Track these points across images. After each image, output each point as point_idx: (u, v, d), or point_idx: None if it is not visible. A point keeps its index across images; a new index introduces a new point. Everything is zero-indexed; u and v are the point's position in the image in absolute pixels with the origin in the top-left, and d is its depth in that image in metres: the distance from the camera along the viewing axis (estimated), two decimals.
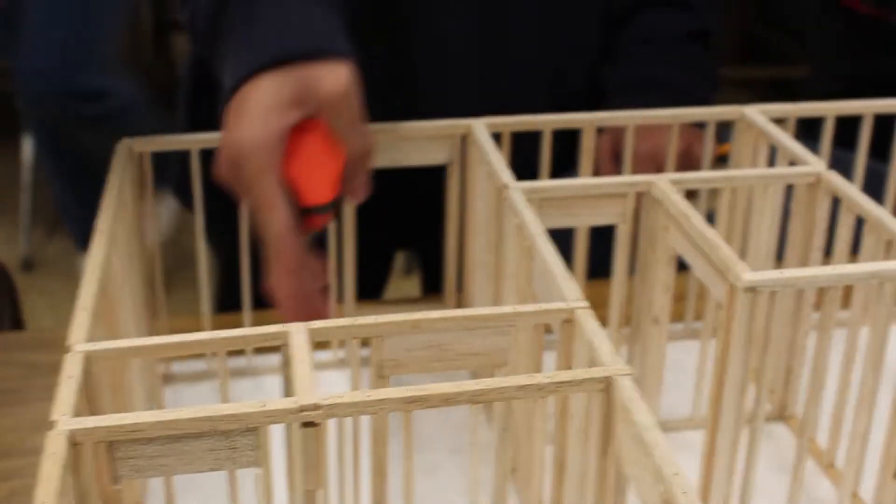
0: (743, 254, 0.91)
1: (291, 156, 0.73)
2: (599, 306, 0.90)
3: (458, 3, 1.04)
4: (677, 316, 1.02)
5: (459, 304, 0.97)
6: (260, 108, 0.71)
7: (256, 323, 0.75)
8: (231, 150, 0.71)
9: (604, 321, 0.84)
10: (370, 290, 1.32)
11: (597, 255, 0.94)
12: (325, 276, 0.78)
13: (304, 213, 0.73)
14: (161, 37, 3.79)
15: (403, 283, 2.75)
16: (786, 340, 0.88)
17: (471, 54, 1.06)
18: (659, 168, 1.03)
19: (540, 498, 0.66)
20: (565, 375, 0.56)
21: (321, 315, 0.74)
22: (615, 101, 1.11)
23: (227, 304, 1.22)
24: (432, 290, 1.28)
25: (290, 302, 0.72)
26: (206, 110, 1.02)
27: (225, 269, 1.28)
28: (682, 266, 0.78)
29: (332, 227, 0.91)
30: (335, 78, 0.73)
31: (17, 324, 1.39)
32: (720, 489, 0.72)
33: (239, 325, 0.80)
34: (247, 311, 0.93)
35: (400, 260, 2.82)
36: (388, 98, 1.06)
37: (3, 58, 2.44)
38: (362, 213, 1.04)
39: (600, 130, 1.08)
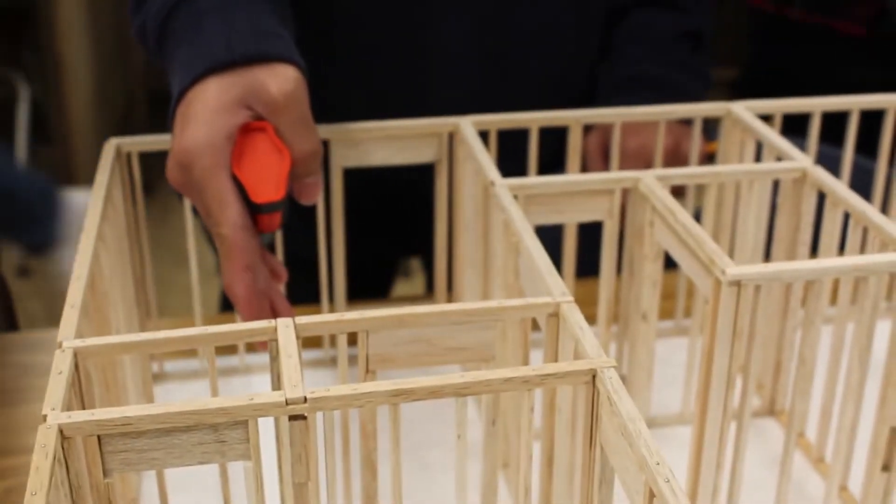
0: (731, 249, 0.92)
1: (240, 156, 0.74)
2: (589, 304, 0.90)
3: (459, 6, 1.04)
4: (667, 313, 1.03)
5: (450, 301, 0.97)
6: (206, 110, 0.73)
7: None
8: (179, 153, 0.72)
9: (593, 319, 0.85)
10: (375, 293, 1.33)
11: (587, 254, 0.95)
12: (282, 275, 0.80)
13: (254, 211, 0.74)
14: None
15: (401, 285, 2.75)
16: (774, 335, 0.88)
17: (471, 58, 1.07)
18: (647, 164, 1.03)
19: (528, 491, 0.66)
20: (550, 368, 0.56)
21: (279, 313, 0.76)
22: (607, 98, 1.12)
23: (230, 303, 1.22)
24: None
25: (246, 299, 0.73)
26: None
27: None
28: (672, 264, 0.79)
29: (321, 231, 0.92)
30: (282, 80, 0.75)
31: (12, 329, 1.39)
32: (708, 484, 0.72)
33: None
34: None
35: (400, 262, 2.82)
36: (387, 100, 1.06)
37: None
38: (364, 221, 1.05)
39: (588, 128, 1.08)
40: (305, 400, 0.53)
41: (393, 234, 1.23)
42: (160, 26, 0.81)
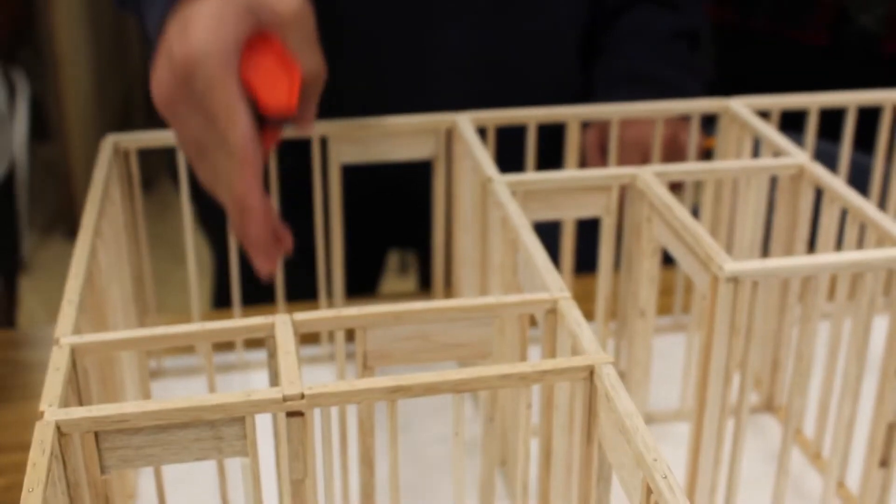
0: (728, 246, 0.92)
1: (248, 64, 0.69)
2: (587, 300, 0.90)
3: (460, 8, 1.04)
4: (666, 309, 1.03)
5: (448, 297, 0.97)
6: (211, 17, 0.68)
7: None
8: (181, 61, 0.67)
9: (591, 315, 0.85)
10: (364, 288, 1.32)
11: (586, 251, 0.95)
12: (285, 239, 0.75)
13: (261, 123, 0.70)
14: None
15: (398, 282, 2.75)
16: (772, 332, 0.89)
17: (470, 58, 1.07)
18: (645, 155, 1.03)
19: (526, 488, 0.66)
20: (547, 365, 0.56)
21: (281, 239, 0.73)
22: (604, 94, 1.12)
23: (224, 301, 1.22)
24: (429, 285, 1.29)
25: (262, 211, 0.69)
26: None
27: (222, 266, 1.28)
28: (671, 260, 0.79)
29: (320, 225, 0.92)
30: None
31: (11, 324, 1.40)
32: (706, 480, 0.72)
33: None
34: (236, 307, 0.93)
35: (393, 262, 2.83)
36: (386, 98, 1.06)
37: None
38: (354, 211, 1.05)
39: (586, 124, 1.08)
40: (303, 396, 0.53)
41: (386, 226, 1.23)
42: None
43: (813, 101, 0.94)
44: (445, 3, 1.04)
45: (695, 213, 0.81)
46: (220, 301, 1.27)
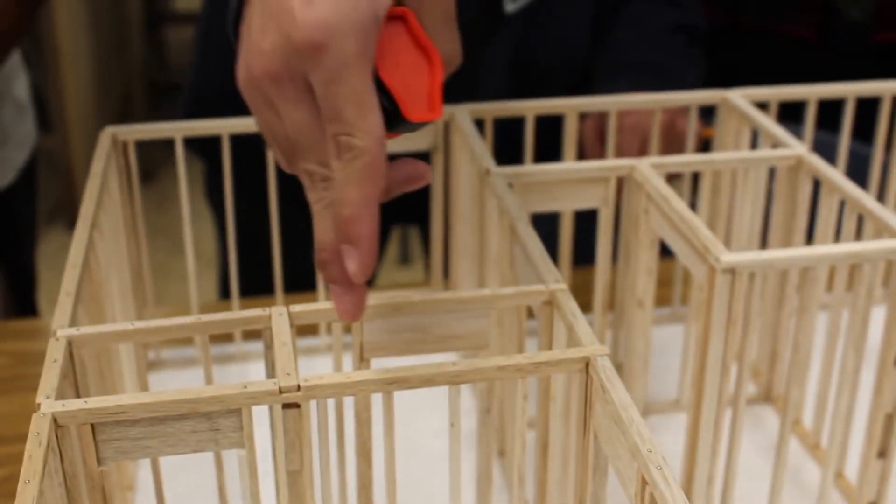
0: (727, 237, 0.92)
1: (382, 53, 0.55)
2: (585, 292, 0.90)
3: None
4: (664, 300, 1.03)
5: (447, 289, 0.97)
6: None
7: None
8: (305, 33, 0.52)
9: (590, 307, 0.85)
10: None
11: (585, 243, 0.95)
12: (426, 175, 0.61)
13: (391, 127, 0.55)
14: (153, 30, 3.79)
15: (398, 272, 2.76)
16: (770, 322, 0.89)
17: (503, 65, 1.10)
18: (644, 141, 1.03)
19: (522, 479, 0.66)
20: (543, 356, 0.56)
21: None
22: (603, 83, 1.12)
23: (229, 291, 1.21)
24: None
25: (373, 238, 0.54)
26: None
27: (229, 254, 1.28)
28: (669, 252, 0.79)
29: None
30: None
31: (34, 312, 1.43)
32: (704, 470, 0.73)
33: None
34: (235, 298, 0.93)
35: (394, 253, 2.83)
36: None
37: None
38: None
39: (584, 116, 1.09)
40: (299, 388, 0.53)
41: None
42: None
43: (811, 92, 0.94)
44: (489, 16, 1.06)
45: (692, 206, 0.81)
46: (228, 291, 1.26)
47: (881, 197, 1.06)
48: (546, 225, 0.92)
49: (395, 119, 0.54)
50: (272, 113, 0.55)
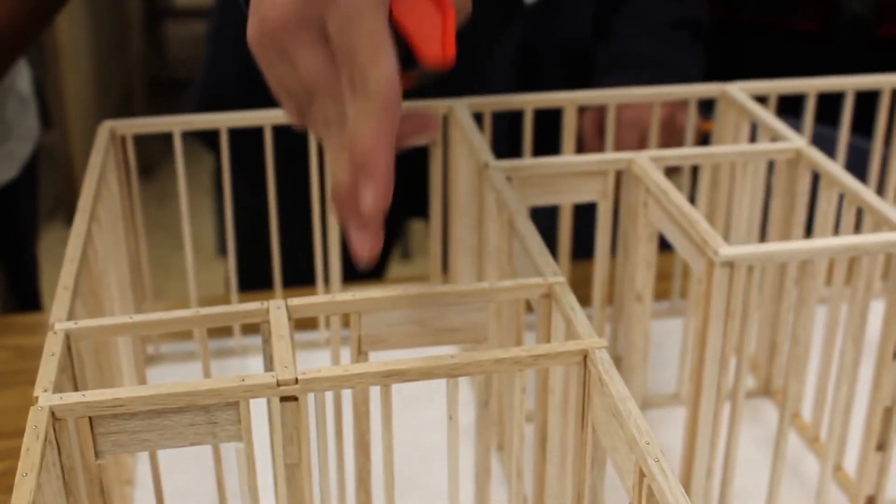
0: (726, 230, 0.92)
1: None
2: (584, 285, 0.90)
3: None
4: (663, 294, 1.03)
5: (445, 283, 0.97)
6: None
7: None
8: None
9: (589, 300, 0.85)
10: (377, 264, 1.32)
11: (584, 237, 0.95)
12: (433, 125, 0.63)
13: (405, 68, 0.56)
14: (153, 26, 3.79)
15: (400, 267, 2.76)
16: (769, 316, 0.89)
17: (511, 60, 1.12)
18: (643, 134, 1.03)
19: (521, 472, 0.66)
20: (541, 349, 0.56)
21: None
22: (604, 75, 1.12)
23: (245, 284, 1.19)
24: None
25: (388, 173, 0.55)
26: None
27: (243, 243, 1.26)
28: (668, 245, 0.79)
29: (318, 208, 0.92)
30: None
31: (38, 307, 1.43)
32: (703, 464, 0.73)
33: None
34: (233, 292, 0.93)
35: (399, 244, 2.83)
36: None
37: None
38: None
39: (583, 110, 1.09)
40: (297, 381, 0.53)
41: (397, 193, 1.23)
42: None
43: (811, 86, 0.94)
44: (507, 7, 1.07)
45: (692, 199, 0.81)
46: (243, 284, 1.25)
47: (880, 190, 1.06)
48: (545, 218, 0.92)
49: (409, 61, 0.56)
50: (286, 65, 0.55)
